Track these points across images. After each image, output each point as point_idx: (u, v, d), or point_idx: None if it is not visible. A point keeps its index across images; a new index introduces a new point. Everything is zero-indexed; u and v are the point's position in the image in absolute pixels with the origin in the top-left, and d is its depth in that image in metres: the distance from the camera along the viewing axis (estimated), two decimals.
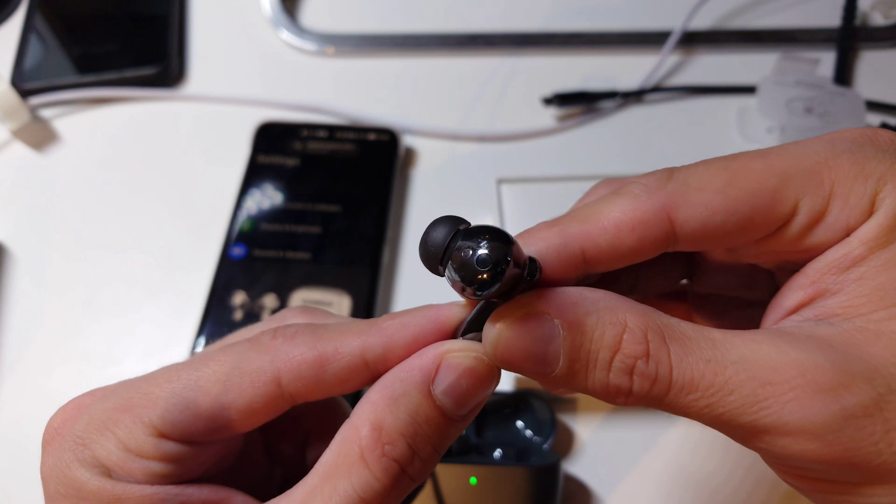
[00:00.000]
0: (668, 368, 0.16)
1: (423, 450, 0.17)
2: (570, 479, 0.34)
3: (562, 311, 0.17)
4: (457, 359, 0.17)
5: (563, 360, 0.17)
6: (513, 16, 0.53)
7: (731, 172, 0.18)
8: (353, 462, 0.17)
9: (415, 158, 0.46)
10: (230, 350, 0.18)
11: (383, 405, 0.17)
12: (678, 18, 0.50)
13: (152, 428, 0.17)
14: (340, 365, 0.18)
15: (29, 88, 0.47)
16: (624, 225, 0.18)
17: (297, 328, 0.19)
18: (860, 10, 0.51)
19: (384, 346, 0.18)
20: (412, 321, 0.18)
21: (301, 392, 0.18)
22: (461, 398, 0.18)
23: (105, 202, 0.44)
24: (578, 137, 0.47)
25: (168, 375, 0.18)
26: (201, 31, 0.52)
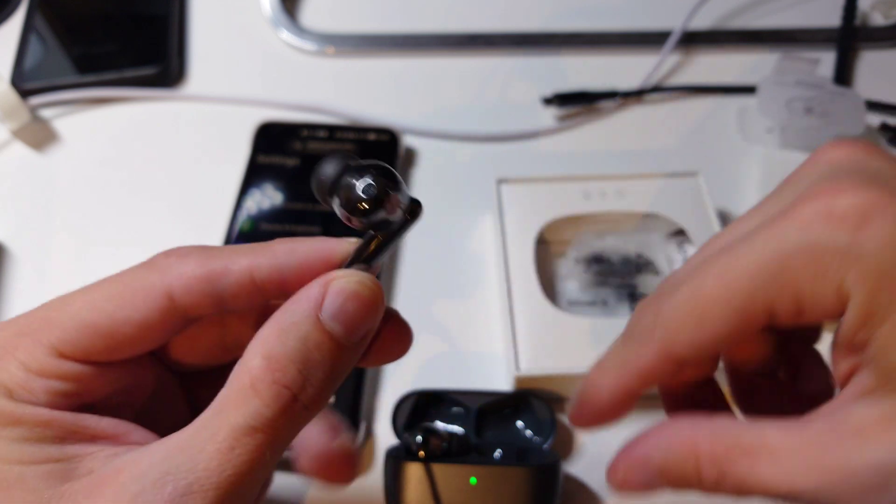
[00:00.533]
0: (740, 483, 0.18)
1: (315, 376, 0.18)
2: (570, 479, 0.34)
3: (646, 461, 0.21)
4: (341, 284, 0.18)
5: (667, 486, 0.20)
6: (513, 16, 0.53)
7: (700, 307, 0.18)
8: (243, 393, 0.17)
9: (415, 158, 0.46)
10: (124, 272, 0.20)
11: (273, 337, 0.18)
12: (678, 18, 0.50)
13: (52, 349, 0.18)
14: (229, 281, 0.19)
15: (29, 88, 0.47)
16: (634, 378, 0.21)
17: (190, 249, 0.20)
18: (860, 10, 0.51)
19: (271, 265, 0.19)
20: (301, 247, 0.19)
21: (193, 306, 0.19)
22: (350, 322, 0.18)
23: (105, 202, 0.44)
24: (578, 137, 0.47)
25: (63, 300, 0.19)
26: (201, 31, 0.52)
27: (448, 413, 0.35)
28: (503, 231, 0.39)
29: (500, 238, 0.38)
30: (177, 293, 0.19)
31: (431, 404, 0.35)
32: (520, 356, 0.35)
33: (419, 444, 0.31)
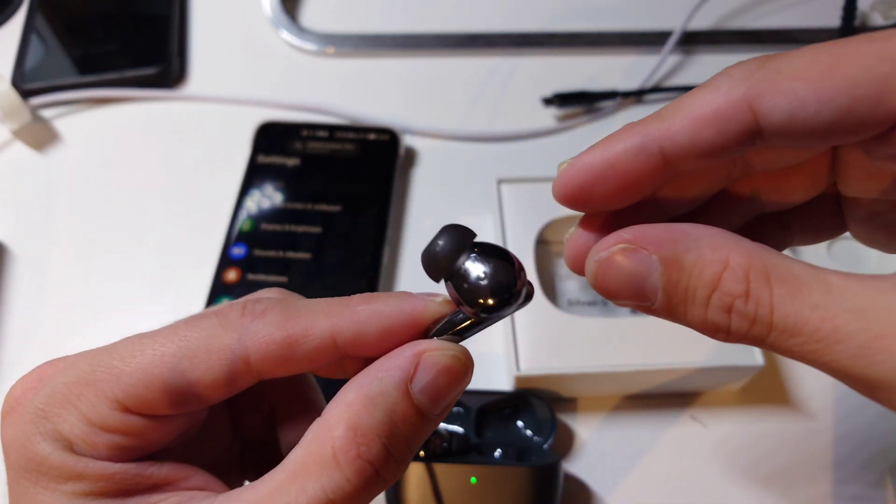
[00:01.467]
0: (768, 309, 0.15)
1: (399, 450, 0.17)
2: (570, 479, 0.34)
3: (660, 246, 0.16)
4: (434, 357, 0.17)
5: (660, 294, 0.16)
6: (513, 16, 0.53)
7: (833, 57, 0.16)
8: (325, 462, 0.16)
9: (415, 158, 0.46)
10: (197, 325, 0.18)
11: (359, 405, 0.17)
12: (678, 19, 0.50)
13: (116, 402, 0.17)
14: (310, 347, 0.18)
15: (30, 89, 0.47)
16: (701, 119, 0.17)
17: (267, 305, 0.19)
18: (860, 11, 0.51)
19: (355, 331, 0.18)
20: (386, 309, 0.18)
21: (268, 370, 0.18)
22: (438, 396, 0.17)
23: (105, 202, 0.44)
24: (578, 137, 0.47)
25: (132, 349, 0.18)
26: (202, 32, 0.52)
27: (438, 424, 0.35)
28: (503, 231, 0.39)
29: (500, 238, 0.38)
30: (253, 357, 0.18)
31: None
32: (520, 356, 0.35)
33: None
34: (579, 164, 0.18)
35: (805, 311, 0.15)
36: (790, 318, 0.15)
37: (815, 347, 0.15)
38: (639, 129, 0.18)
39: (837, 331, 0.14)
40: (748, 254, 0.16)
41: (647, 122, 0.18)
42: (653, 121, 0.18)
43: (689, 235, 0.16)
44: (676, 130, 0.17)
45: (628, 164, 0.18)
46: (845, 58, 0.16)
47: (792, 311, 0.15)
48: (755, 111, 0.16)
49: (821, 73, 0.16)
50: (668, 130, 0.17)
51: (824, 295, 0.15)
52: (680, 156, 0.17)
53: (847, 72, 0.15)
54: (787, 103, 0.16)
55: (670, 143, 0.17)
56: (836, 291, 0.15)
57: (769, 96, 0.16)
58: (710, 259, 0.16)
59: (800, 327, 0.15)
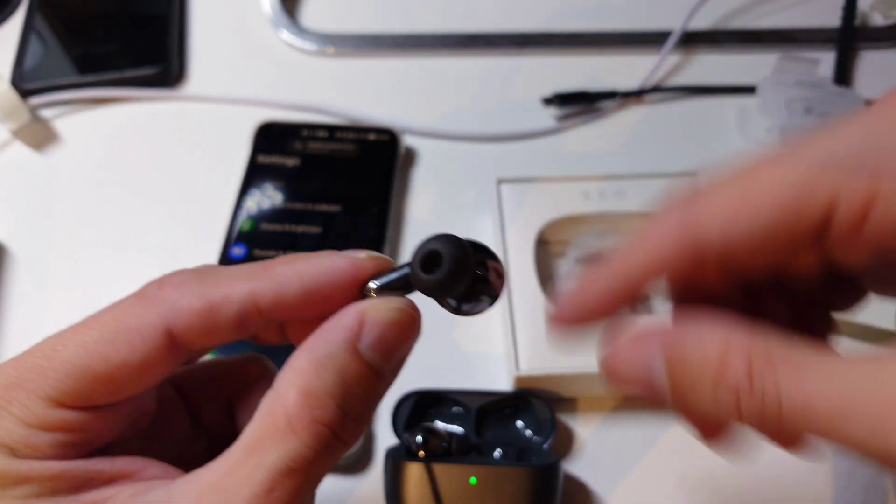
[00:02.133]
0: (774, 389, 0.15)
1: (355, 410, 0.17)
2: (570, 479, 0.34)
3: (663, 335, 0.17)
4: (379, 312, 0.17)
5: (668, 385, 0.17)
6: (513, 16, 0.53)
7: (752, 174, 0.17)
8: (280, 431, 0.16)
9: (415, 158, 0.46)
10: (116, 307, 0.18)
11: (309, 369, 0.17)
12: (678, 19, 0.50)
13: (49, 399, 0.17)
14: (231, 311, 0.18)
15: (29, 88, 0.47)
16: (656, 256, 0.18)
17: (184, 276, 0.19)
18: (860, 11, 0.51)
19: (275, 292, 0.18)
20: (306, 268, 0.18)
21: (195, 340, 0.18)
22: (388, 351, 0.17)
23: (105, 202, 0.44)
24: (578, 137, 0.47)
25: (53, 344, 0.18)
26: (201, 31, 0.52)
27: (448, 413, 0.35)
28: (503, 231, 0.39)
29: (500, 238, 0.38)
30: (176, 329, 0.18)
31: (431, 404, 0.35)
32: (520, 356, 0.35)
33: (419, 444, 0.31)
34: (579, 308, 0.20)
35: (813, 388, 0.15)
36: (800, 397, 0.15)
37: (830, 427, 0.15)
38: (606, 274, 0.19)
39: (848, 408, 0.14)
40: (749, 336, 0.16)
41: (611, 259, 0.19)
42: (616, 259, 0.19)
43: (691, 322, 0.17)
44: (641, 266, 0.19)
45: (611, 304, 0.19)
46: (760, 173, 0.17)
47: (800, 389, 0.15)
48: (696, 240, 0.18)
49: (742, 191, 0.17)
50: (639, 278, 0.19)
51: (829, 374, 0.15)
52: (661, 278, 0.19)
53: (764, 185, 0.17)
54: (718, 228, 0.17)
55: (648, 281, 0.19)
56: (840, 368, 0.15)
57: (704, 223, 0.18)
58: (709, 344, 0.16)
59: (811, 404, 0.15)
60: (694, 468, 0.35)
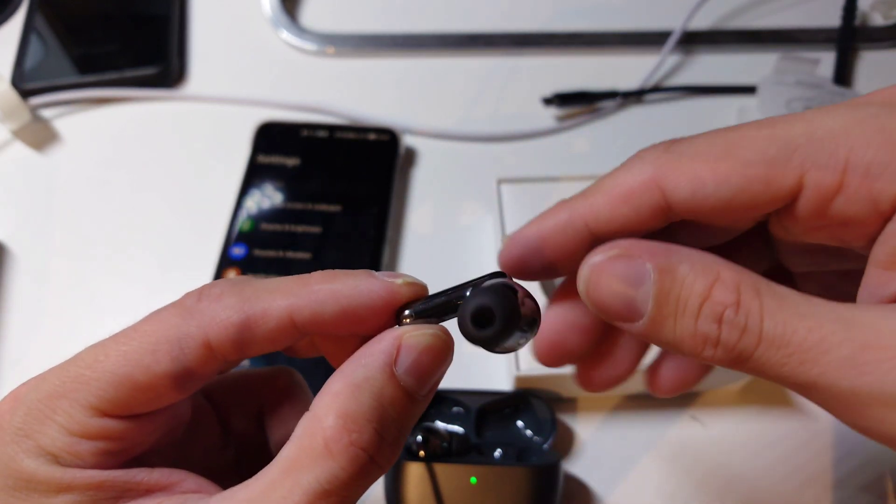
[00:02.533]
0: (758, 318, 0.15)
1: (390, 433, 0.17)
2: (570, 479, 0.34)
3: (655, 255, 0.17)
4: (416, 338, 0.18)
5: (651, 305, 0.16)
6: (513, 16, 0.53)
7: (728, 141, 0.17)
8: (317, 453, 0.16)
9: (415, 158, 0.46)
10: (156, 318, 0.18)
11: (347, 393, 0.17)
12: (678, 18, 0.50)
13: (91, 409, 0.17)
14: (269, 326, 0.18)
15: (29, 88, 0.47)
16: (617, 197, 0.19)
17: (223, 288, 0.19)
18: (860, 11, 0.51)
19: (312, 310, 0.18)
20: (344, 289, 0.18)
21: (231, 353, 0.18)
22: (423, 376, 0.18)
23: (105, 202, 0.44)
24: (578, 137, 0.47)
25: (96, 355, 0.18)
26: (201, 31, 0.52)
27: (448, 413, 0.35)
28: (503, 231, 0.39)
29: (500, 238, 0.38)
30: (215, 342, 0.18)
31: (431, 404, 0.35)
32: (520, 356, 0.35)
33: (419, 443, 0.31)
34: (516, 238, 0.20)
35: (793, 320, 0.15)
36: (779, 328, 0.15)
37: (802, 359, 0.15)
38: (567, 206, 0.20)
39: (825, 340, 0.15)
40: (738, 270, 0.16)
41: (574, 200, 0.20)
42: (579, 198, 0.20)
43: (681, 250, 0.17)
44: (598, 208, 0.19)
45: (558, 238, 0.20)
46: (738, 141, 0.17)
47: (781, 320, 0.15)
48: (662, 190, 0.18)
49: (717, 156, 0.17)
50: (591, 208, 0.19)
51: (811, 307, 0.15)
52: (604, 230, 0.19)
53: (739, 154, 0.17)
54: (686, 182, 0.18)
55: (594, 219, 0.19)
56: (819, 305, 0.15)
57: (672, 176, 0.18)
58: (701, 270, 0.16)
59: (788, 337, 0.15)
60: (694, 468, 0.35)
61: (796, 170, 0.17)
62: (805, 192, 0.17)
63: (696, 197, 0.18)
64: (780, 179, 0.17)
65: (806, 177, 0.17)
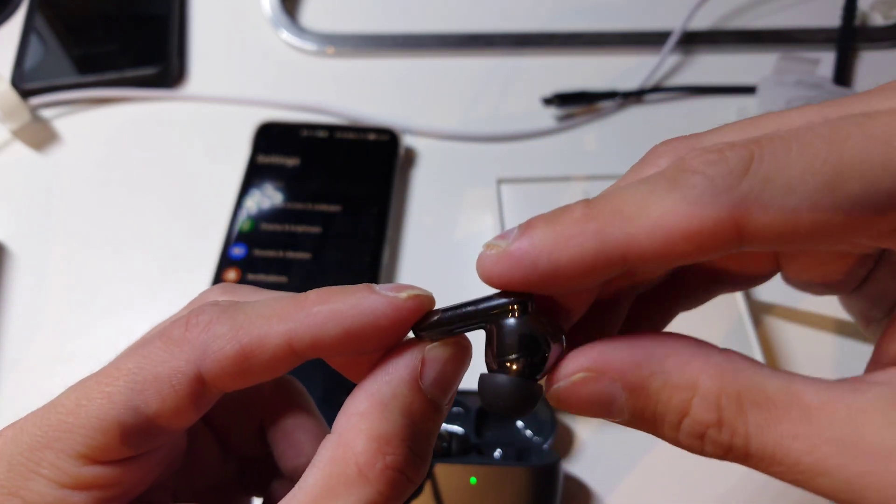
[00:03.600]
0: (743, 439, 0.14)
1: (421, 448, 0.17)
2: (570, 479, 0.34)
3: (623, 372, 0.15)
4: (438, 350, 0.17)
5: (627, 416, 0.16)
6: (513, 16, 0.53)
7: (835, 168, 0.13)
8: (351, 480, 0.16)
9: (415, 158, 0.46)
10: (140, 353, 0.17)
11: (376, 413, 0.16)
12: (678, 18, 0.50)
13: (79, 457, 0.16)
14: (266, 355, 0.17)
15: (29, 88, 0.47)
16: (678, 234, 0.14)
17: (213, 314, 0.17)
18: (860, 11, 0.51)
19: (313, 335, 0.17)
20: (345, 309, 0.17)
21: (226, 384, 0.17)
22: (448, 385, 0.17)
23: (105, 202, 0.44)
24: (578, 137, 0.47)
25: (77, 398, 0.17)
26: (201, 32, 0.52)
27: (448, 413, 0.35)
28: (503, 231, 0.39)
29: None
30: (208, 376, 0.17)
31: None
32: None
33: None
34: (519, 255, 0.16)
35: (784, 441, 0.14)
36: (768, 448, 0.14)
37: (796, 478, 0.14)
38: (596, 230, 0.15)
39: (820, 464, 0.14)
40: (718, 375, 0.15)
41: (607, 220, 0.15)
42: (614, 220, 0.15)
43: (654, 356, 0.15)
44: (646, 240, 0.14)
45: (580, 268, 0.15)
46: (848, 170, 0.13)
47: (770, 440, 0.14)
48: (741, 230, 0.14)
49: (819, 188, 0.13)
50: (635, 240, 0.15)
51: (803, 423, 0.14)
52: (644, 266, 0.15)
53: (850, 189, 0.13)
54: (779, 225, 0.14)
55: (636, 256, 0.15)
56: (815, 417, 0.14)
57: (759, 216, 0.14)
58: (676, 384, 0.15)
59: (779, 458, 0.14)
60: (694, 469, 0.35)
61: None
62: None
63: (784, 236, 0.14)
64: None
65: None
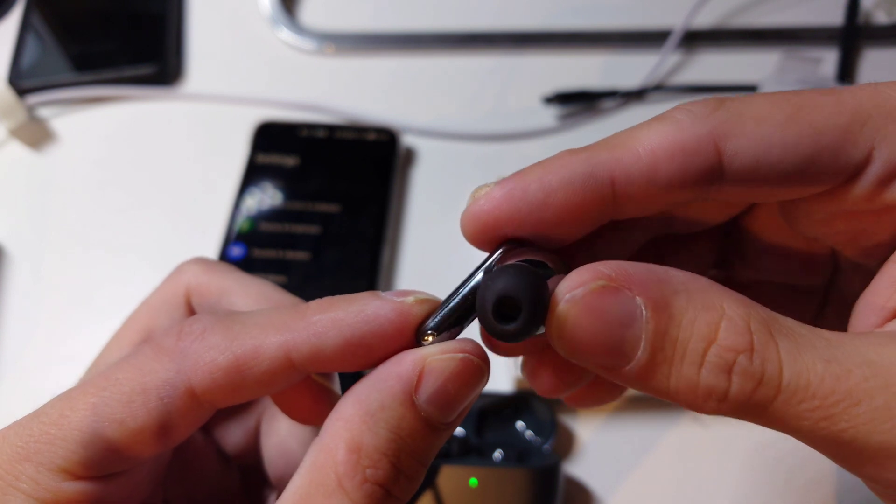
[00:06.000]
0: (776, 367, 0.13)
1: (409, 466, 0.15)
2: (570, 481, 0.34)
3: (646, 286, 0.13)
4: (441, 363, 0.15)
5: (643, 349, 0.13)
6: (513, 14, 0.52)
7: (794, 105, 0.15)
8: (329, 490, 0.15)
9: (415, 158, 0.46)
10: (130, 363, 0.16)
11: (359, 421, 0.15)
12: (679, 17, 0.49)
13: (60, 471, 0.15)
14: (262, 367, 0.16)
15: (26, 87, 0.47)
16: (662, 152, 0.15)
17: (206, 324, 0.16)
18: (863, 9, 0.51)
19: (312, 346, 0.16)
20: (347, 317, 0.16)
21: (220, 398, 0.16)
22: (448, 405, 0.15)
23: (103, 201, 0.44)
24: (579, 137, 0.46)
25: (61, 409, 0.16)
26: (199, 30, 0.52)
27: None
28: None
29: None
30: (199, 388, 0.16)
31: None
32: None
33: None
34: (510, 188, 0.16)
35: (817, 366, 0.13)
36: (802, 378, 0.13)
37: (829, 413, 0.13)
38: (583, 157, 0.15)
39: (855, 390, 0.12)
40: (743, 302, 0.14)
41: (593, 149, 0.16)
42: (600, 149, 0.15)
43: (675, 276, 0.14)
44: (631, 162, 0.15)
45: (570, 195, 0.15)
46: (806, 105, 0.15)
47: (803, 367, 0.13)
48: (720, 151, 0.15)
49: (785, 119, 0.15)
50: (622, 162, 0.15)
51: (832, 348, 0.13)
52: (633, 192, 0.15)
53: (811, 119, 0.15)
54: (752, 145, 0.15)
55: (624, 176, 0.15)
56: (840, 345, 0.13)
57: (736, 136, 0.15)
58: (703, 304, 0.13)
59: (813, 387, 0.13)
60: (695, 470, 0.35)
61: (866, 141, 0.14)
62: (871, 167, 0.15)
63: (758, 164, 0.15)
64: (850, 151, 0.15)
65: (875, 151, 0.14)
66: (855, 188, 0.15)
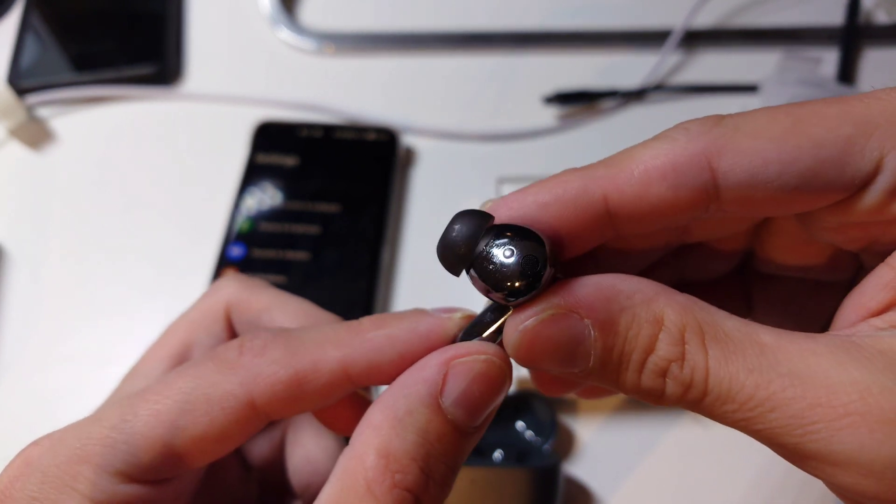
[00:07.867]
0: (703, 374, 0.14)
1: (438, 471, 0.16)
2: (570, 481, 0.34)
3: (592, 309, 0.15)
4: (465, 364, 0.16)
5: (593, 360, 0.15)
6: (513, 14, 0.52)
7: (794, 117, 0.15)
8: (359, 496, 0.15)
9: (415, 158, 0.46)
10: (192, 373, 0.17)
11: (387, 427, 0.15)
12: (680, 17, 0.49)
13: (118, 475, 0.16)
14: (321, 381, 0.17)
15: (25, 87, 0.47)
16: (654, 170, 0.15)
17: (266, 339, 0.17)
18: (864, 8, 0.51)
19: (369, 361, 0.17)
20: (401, 334, 0.17)
21: (278, 411, 0.17)
22: (474, 407, 0.16)
23: (102, 201, 0.44)
24: (579, 137, 0.46)
25: (122, 413, 0.16)
26: (199, 30, 0.52)
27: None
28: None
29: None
30: (259, 401, 0.16)
31: None
32: None
33: None
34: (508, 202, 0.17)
35: (740, 375, 0.14)
36: (724, 384, 0.14)
37: (747, 416, 0.14)
38: (581, 174, 0.16)
39: (772, 398, 0.14)
40: (683, 310, 0.15)
41: (592, 167, 0.16)
42: (599, 167, 0.16)
43: (621, 292, 0.15)
44: (624, 181, 0.16)
45: (564, 211, 0.16)
46: (807, 118, 0.15)
47: (727, 375, 0.14)
48: (713, 169, 0.15)
49: (783, 132, 0.15)
50: (616, 178, 0.16)
51: (758, 357, 0.14)
52: (626, 211, 0.16)
53: (810, 132, 0.14)
54: (748, 162, 0.15)
55: (617, 194, 0.16)
56: (770, 353, 0.14)
57: (729, 154, 0.15)
58: (644, 318, 0.15)
59: (734, 394, 0.14)
60: (696, 470, 0.35)
61: (874, 151, 0.14)
62: (880, 178, 0.14)
63: (754, 180, 0.15)
64: (856, 162, 0.14)
65: (885, 160, 0.14)
66: (864, 199, 0.15)
